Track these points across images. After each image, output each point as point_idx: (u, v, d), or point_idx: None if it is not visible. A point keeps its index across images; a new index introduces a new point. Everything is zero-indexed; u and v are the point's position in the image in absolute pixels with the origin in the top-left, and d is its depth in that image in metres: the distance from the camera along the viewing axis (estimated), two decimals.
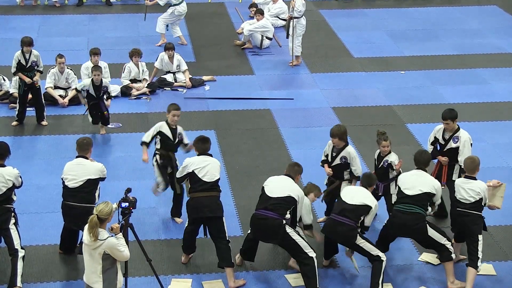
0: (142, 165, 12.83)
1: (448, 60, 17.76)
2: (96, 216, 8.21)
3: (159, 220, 11.39)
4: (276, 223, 9.63)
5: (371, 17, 20.75)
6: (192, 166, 10.04)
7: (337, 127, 10.87)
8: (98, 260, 8.28)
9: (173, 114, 11.06)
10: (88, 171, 9.97)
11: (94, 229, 8.19)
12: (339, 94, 15.90)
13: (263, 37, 18.27)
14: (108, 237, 8.25)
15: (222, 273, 10.12)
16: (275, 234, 9.66)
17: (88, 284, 8.42)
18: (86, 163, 10.07)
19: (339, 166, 10.81)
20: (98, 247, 8.23)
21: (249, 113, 15.00)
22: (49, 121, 14.37)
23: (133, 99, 15.52)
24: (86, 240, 8.27)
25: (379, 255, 9.72)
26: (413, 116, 14.89)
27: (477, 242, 9.77)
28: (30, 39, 13.99)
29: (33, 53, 14.02)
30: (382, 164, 10.87)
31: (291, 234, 9.64)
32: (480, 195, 9.78)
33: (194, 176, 10.00)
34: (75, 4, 21.16)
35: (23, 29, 19.16)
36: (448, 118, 10.86)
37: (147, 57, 16.51)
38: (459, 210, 9.88)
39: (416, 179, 9.94)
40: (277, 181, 9.98)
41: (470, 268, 9.77)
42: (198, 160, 10.11)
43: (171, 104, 11.21)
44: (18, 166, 10.89)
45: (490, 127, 14.47)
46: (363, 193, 9.93)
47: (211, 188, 9.98)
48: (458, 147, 10.87)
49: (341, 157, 10.77)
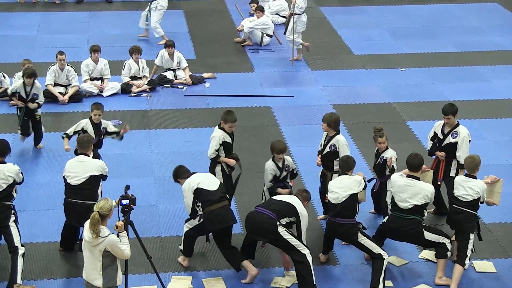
0: (142, 162, 12.86)
1: (448, 57, 17.76)
2: (97, 213, 8.21)
3: (159, 218, 11.38)
4: (270, 222, 9.62)
5: (372, 14, 20.74)
6: (195, 184, 9.97)
7: (329, 114, 10.92)
8: (98, 257, 8.28)
9: (94, 113, 11.60)
10: (90, 167, 9.98)
11: (96, 226, 8.18)
12: (339, 92, 15.89)
13: (263, 34, 18.27)
14: (109, 234, 8.25)
15: (221, 271, 10.13)
16: (267, 232, 9.65)
17: (87, 281, 8.42)
18: (87, 160, 10.09)
19: (327, 154, 10.79)
20: (99, 244, 8.23)
21: (249, 111, 15.00)
22: (49, 118, 14.37)
23: (133, 96, 15.52)
24: (87, 237, 8.26)
25: (381, 253, 9.73)
26: (413, 113, 14.89)
27: (467, 240, 9.78)
28: (32, 71, 13.13)
29: (35, 85, 13.13)
30: (379, 161, 10.89)
31: (283, 234, 9.61)
32: (478, 194, 9.78)
33: (202, 191, 9.92)
34: (75, 1, 21.15)
35: (23, 26, 19.20)
36: (450, 113, 10.85)
37: (147, 54, 16.50)
38: (455, 207, 9.89)
39: (409, 190, 9.75)
40: (285, 196, 10.11)
41: (457, 265, 9.78)
42: (199, 176, 10.08)
43: (93, 104, 11.77)
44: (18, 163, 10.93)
45: (490, 125, 14.47)
46: (345, 184, 9.87)
47: (222, 199, 9.97)
48: (456, 143, 10.86)
49: (330, 145, 10.76)
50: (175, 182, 10.29)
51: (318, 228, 11.11)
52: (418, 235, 9.82)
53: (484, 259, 10.41)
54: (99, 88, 15.48)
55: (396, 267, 10.29)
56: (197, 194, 9.86)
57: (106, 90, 15.50)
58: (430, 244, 9.94)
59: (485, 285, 10.01)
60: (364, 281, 9.96)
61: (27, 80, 12.98)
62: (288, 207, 9.72)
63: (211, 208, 9.84)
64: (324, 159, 10.86)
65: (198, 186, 9.86)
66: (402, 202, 9.78)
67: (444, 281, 9.91)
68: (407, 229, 9.79)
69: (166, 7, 18.41)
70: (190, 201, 9.89)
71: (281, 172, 10.60)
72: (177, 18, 20.13)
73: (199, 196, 9.86)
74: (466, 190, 9.79)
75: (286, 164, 10.64)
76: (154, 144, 13.57)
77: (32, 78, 13.01)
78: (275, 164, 10.57)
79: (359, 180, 9.91)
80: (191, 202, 9.89)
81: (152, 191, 12.06)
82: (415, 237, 9.89)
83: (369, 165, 12.61)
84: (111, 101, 15.24)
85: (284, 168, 10.62)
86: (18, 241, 9.67)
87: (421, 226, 9.83)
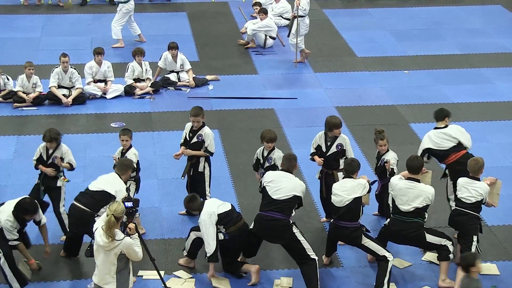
0: (145, 164, 12.86)
1: (452, 59, 17.74)
2: (112, 215, 8.19)
3: (162, 220, 11.39)
4: (284, 224, 9.68)
5: (375, 16, 20.74)
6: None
7: (334, 118, 10.95)
8: (113, 260, 8.26)
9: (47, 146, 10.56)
10: (108, 184, 9.90)
11: (112, 229, 8.17)
12: (343, 94, 15.89)
13: (266, 37, 18.28)
14: (124, 237, 8.24)
15: (224, 272, 10.13)
16: (283, 233, 9.71)
17: (99, 286, 8.39)
18: (113, 178, 9.99)
19: (334, 154, 10.82)
20: (114, 247, 8.21)
21: (253, 113, 15.00)
22: (53, 120, 14.38)
23: (136, 99, 15.54)
24: (102, 241, 8.21)
25: (385, 255, 9.72)
26: (416, 115, 14.88)
27: (471, 242, 9.79)
28: (51, 135, 10.56)
29: (61, 148, 10.73)
30: (380, 163, 10.90)
31: (297, 235, 9.70)
32: (482, 196, 9.82)
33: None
34: (79, 3, 21.18)
35: (27, 28, 19.22)
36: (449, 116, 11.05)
37: (151, 56, 16.51)
38: (458, 209, 9.91)
39: (410, 193, 9.77)
40: (279, 180, 9.92)
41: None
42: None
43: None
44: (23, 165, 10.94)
45: (493, 127, 14.46)
46: (349, 188, 9.85)
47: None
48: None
49: (337, 145, 10.81)
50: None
51: (321, 230, 11.11)
52: (419, 238, 9.82)
53: (488, 261, 10.39)
54: (102, 90, 15.49)
55: (399, 269, 10.28)
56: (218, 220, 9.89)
57: (109, 92, 15.52)
58: (432, 246, 9.94)
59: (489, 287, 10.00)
60: (368, 284, 9.96)
61: (48, 145, 10.66)
62: (290, 200, 9.73)
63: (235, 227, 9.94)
64: (329, 159, 10.87)
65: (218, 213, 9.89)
66: (403, 205, 9.77)
67: (447, 283, 9.90)
68: (409, 232, 9.78)
69: (132, 11, 18.25)
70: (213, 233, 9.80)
71: (263, 161, 10.80)
72: (180, 20, 20.15)
73: (222, 220, 9.89)
74: (470, 192, 9.80)
75: (269, 156, 10.78)
76: (158, 146, 13.58)
77: (53, 143, 10.64)
78: (262, 152, 10.88)
79: (363, 184, 9.90)
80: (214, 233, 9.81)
81: (156, 193, 12.06)
82: (416, 240, 9.88)
83: (372, 167, 12.60)
84: (115, 103, 15.26)
85: (267, 159, 10.72)
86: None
87: (423, 229, 9.83)
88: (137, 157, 10.99)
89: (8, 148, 13.38)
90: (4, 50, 17.83)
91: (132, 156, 10.89)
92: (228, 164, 12.97)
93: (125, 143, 10.99)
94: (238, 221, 9.94)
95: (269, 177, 10.00)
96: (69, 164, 10.72)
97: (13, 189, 11.98)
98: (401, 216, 9.80)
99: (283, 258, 10.37)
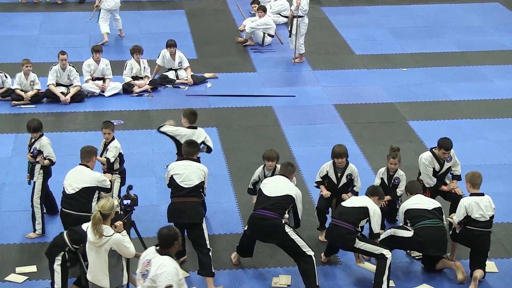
0: (143, 161, 12.86)
1: (450, 57, 17.75)
2: (99, 212, 8.20)
3: (160, 218, 11.38)
4: (276, 223, 9.63)
5: (373, 14, 20.74)
6: (172, 171, 9.99)
7: (340, 147, 10.69)
8: (104, 257, 8.26)
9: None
10: (84, 179, 9.79)
11: (98, 225, 8.17)
12: (341, 91, 15.89)
13: (265, 34, 18.27)
14: (113, 233, 8.24)
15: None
16: (275, 234, 9.66)
17: (93, 283, 8.39)
18: (84, 171, 9.89)
19: (345, 185, 10.76)
20: (104, 244, 8.21)
21: (251, 110, 15.00)
22: (51, 118, 14.38)
23: (135, 96, 15.53)
24: (91, 238, 8.25)
25: (383, 253, 9.69)
26: (415, 113, 14.88)
27: (487, 254, 9.93)
28: (35, 123, 10.76)
29: (40, 141, 10.79)
30: (393, 182, 10.85)
31: (290, 234, 9.64)
32: (494, 208, 9.85)
33: (173, 181, 9.95)
34: (77, 1, 21.16)
35: (25, 26, 19.19)
36: (451, 147, 10.69)
37: (149, 54, 16.50)
38: (474, 230, 9.79)
39: (422, 200, 10.02)
40: (274, 181, 10.00)
41: (480, 270, 9.82)
42: (178, 165, 10.03)
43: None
44: (20, 163, 10.92)
45: (491, 125, 14.46)
46: (362, 199, 9.94)
47: (189, 194, 9.88)
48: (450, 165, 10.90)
49: (346, 175, 10.71)
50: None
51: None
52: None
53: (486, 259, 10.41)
54: (100, 88, 15.48)
55: (398, 266, 10.28)
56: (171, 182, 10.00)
57: (108, 90, 15.51)
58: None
59: (487, 285, 10.00)
60: (366, 281, 9.97)
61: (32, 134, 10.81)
62: (283, 198, 9.71)
63: (174, 201, 9.96)
64: (340, 191, 10.77)
65: (172, 175, 9.96)
66: (421, 204, 9.98)
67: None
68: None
69: (110, 8, 18.23)
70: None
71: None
72: (178, 18, 20.13)
73: (171, 185, 9.97)
74: (482, 210, 9.76)
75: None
76: (156, 144, 13.57)
77: (37, 132, 10.77)
78: (263, 171, 10.67)
79: (378, 213, 9.83)
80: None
81: (154, 191, 12.06)
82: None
83: (370, 165, 12.61)
84: (113, 101, 15.25)
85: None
86: None
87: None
88: (118, 150, 10.99)
89: (6, 146, 13.37)
90: (2, 48, 17.81)
91: (112, 149, 10.92)
92: (226, 162, 12.97)
93: (107, 136, 11.00)
94: (179, 196, 9.90)
95: (265, 181, 10.11)
96: (49, 160, 10.75)
97: (11, 187, 11.99)
98: (430, 222, 9.82)
99: (281, 256, 10.36)
